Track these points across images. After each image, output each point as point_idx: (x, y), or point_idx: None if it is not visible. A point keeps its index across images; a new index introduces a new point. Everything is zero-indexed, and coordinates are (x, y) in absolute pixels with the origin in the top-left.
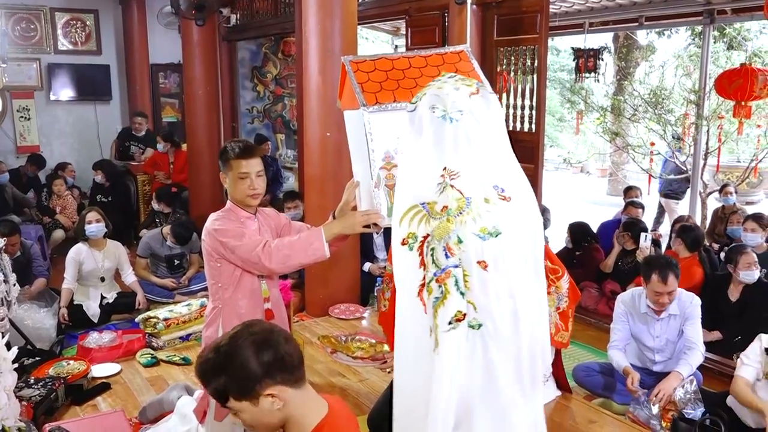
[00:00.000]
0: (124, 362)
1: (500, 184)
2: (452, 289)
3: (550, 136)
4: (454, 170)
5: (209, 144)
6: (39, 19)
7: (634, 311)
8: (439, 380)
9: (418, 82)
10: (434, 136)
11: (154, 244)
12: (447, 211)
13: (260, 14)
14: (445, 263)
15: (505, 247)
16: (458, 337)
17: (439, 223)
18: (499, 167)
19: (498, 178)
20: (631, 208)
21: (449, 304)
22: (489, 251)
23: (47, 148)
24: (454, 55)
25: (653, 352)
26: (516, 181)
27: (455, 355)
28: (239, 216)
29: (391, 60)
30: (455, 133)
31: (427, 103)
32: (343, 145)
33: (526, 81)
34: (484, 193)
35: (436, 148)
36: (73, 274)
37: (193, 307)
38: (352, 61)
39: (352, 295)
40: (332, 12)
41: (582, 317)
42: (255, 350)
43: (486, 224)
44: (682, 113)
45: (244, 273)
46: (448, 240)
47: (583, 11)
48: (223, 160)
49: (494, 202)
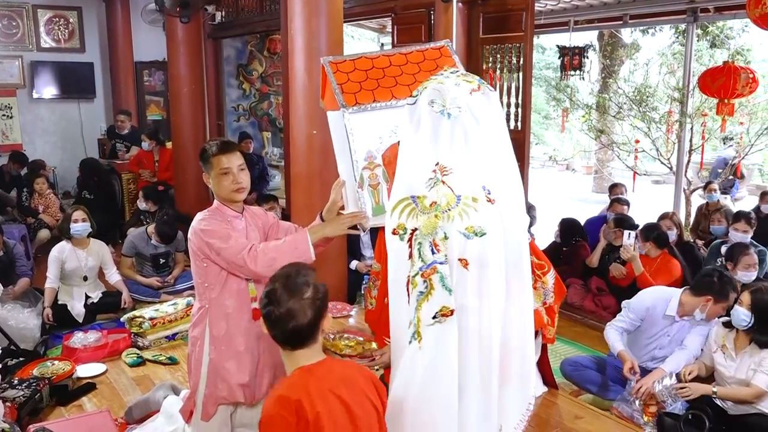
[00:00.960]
0: (109, 362)
1: (488, 185)
2: (437, 284)
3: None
4: (447, 166)
5: (194, 142)
6: (21, 16)
7: (656, 312)
8: (422, 374)
9: (398, 80)
10: (431, 131)
11: (139, 242)
12: (435, 207)
13: (245, 12)
14: (432, 258)
15: (488, 247)
16: (445, 332)
17: (427, 218)
18: (490, 167)
19: (487, 179)
20: (617, 205)
21: (433, 299)
22: (472, 250)
23: (30, 146)
24: (435, 51)
25: (658, 348)
26: (504, 183)
27: (440, 349)
28: (226, 215)
29: (371, 59)
30: (452, 129)
31: (426, 97)
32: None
33: (512, 79)
34: (473, 192)
35: (432, 143)
36: (55, 273)
37: (179, 306)
38: (331, 61)
39: (339, 294)
40: (318, 10)
41: (568, 314)
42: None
43: (473, 223)
44: (666, 111)
45: (231, 273)
46: (435, 236)
47: (568, 9)
48: (203, 160)
49: (481, 202)
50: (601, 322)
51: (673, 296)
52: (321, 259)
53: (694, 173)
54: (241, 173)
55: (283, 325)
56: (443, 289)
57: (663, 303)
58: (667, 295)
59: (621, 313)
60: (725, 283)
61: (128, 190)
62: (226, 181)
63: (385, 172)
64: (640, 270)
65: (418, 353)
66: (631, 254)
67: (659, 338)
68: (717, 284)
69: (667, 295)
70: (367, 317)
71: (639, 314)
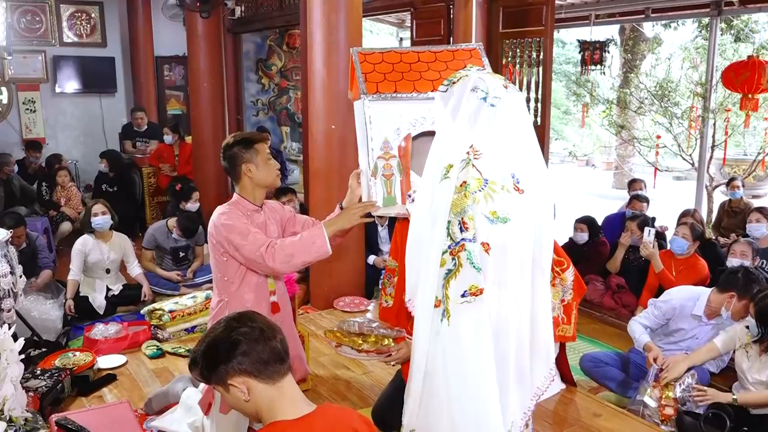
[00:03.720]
0: (129, 354)
1: (517, 175)
2: (465, 262)
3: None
4: (479, 150)
5: (214, 136)
6: (44, 12)
7: (683, 311)
8: (452, 353)
9: (423, 75)
10: (470, 115)
11: (160, 236)
12: (465, 187)
13: (265, 6)
14: (460, 236)
15: (511, 235)
16: (474, 311)
17: (456, 197)
18: (521, 158)
19: (517, 168)
20: (636, 202)
21: (462, 277)
22: (495, 235)
23: (53, 140)
24: (466, 52)
25: (684, 350)
26: (534, 176)
27: (469, 328)
28: (246, 209)
29: (399, 53)
30: (491, 115)
31: (468, 84)
32: (348, 138)
33: (532, 74)
34: (501, 179)
35: (469, 126)
36: (78, 265)
37: (198, 299)
38: (360, 52)
39: (357, 288)
40: (337, 4)
41: (587, 311)
42: (228, 340)
43: (497, 208)
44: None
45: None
46: (464, 214)
47: (589, 3)
48: (245, 147)
49: (508, 190)
50: (621, 319)
51: (701, 295)
52: (338, 253)
53: (716, 169)
54: None
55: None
56: (471, 266)
57: (691, 302)
58: (695, 294)
59: (647, 309)
60: (750, 280)
61: (149, 184)
62: (272, 167)
63: (399, 164)
64: (659, 267)
65: (447, 331)
66: (650, 251)
67: (687, 340)
68: (741, 280)
69: (696, 294)
70: (383, 314)
71: (666, 313)
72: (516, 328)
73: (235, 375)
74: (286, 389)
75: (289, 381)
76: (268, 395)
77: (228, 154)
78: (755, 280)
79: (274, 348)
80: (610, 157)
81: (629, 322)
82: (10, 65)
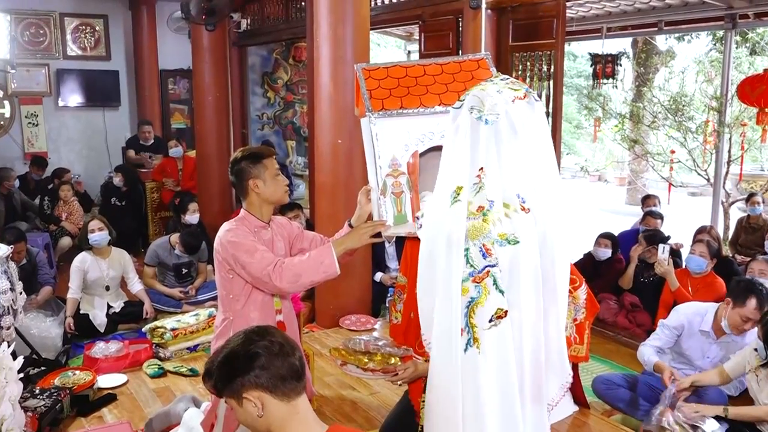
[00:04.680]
0: (130, 373)
1: (522, 194)
2: (491, 288)
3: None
4: (487, 171)
5: (218, 151)
6: (48, 25)
7: (692, 327)
8: (488, 378)
9: (430, 89)
10: (471, 137)
11: (162, 252)
12: (483, 212)
13: (271, 19)
14: (484, 263)
15: (521, 257)
16: (501, 333)
17: (474, 222)
18: (526, 176)
19: (522, 187)
20: (650, 219)
21: (489, 303)
22: (504, 258)
23: (55, 154)
24: (473, 63)
25: (696, 370)
26: (543, 194)
27: (500, 350)
28: (253, 225)
29: (405, 67)
30: (488, 134)
31: (468, 103)
32: (354, 152)
33: (543, 87)
34: (506, 199)
35: (472, 148)
36: (77, 283)
37: (201, 317)
38: (364, 68)
39: (364, 306)
40: (344, 17)
41: (600, 330)
42: (247, 353)
43: (506, 230)
44: (703, 120)
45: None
46: (485, 240)
47: (600, 16)
48: (253, 162)
49: (515, 209)
50: (635, 339)
51: (708, 310)
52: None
53: (732, 185)
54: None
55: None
56: (497, 291)
57: (699, 317)
58: (702, 309)
59: (656, 331)
60: (745, 289)
61: (151, 199)
62: (281, 182)
63: (409, 181)
64: (675, 285)
65: (479, 358)
66: (665, 268)
67: (700, 361)
68: (738, 288)
69: (703, 310)
70: (392, 332)
71: (674, 330)
72: (531, 349)
73: (251, 388)
74: (300, 408)
75: (304, 400)
76: (281, 413)
77: (236, 168)
78: (752, 289)
79: (292, 365)
80: (623, 173)
81: (639, 348)
82: (13, 79)
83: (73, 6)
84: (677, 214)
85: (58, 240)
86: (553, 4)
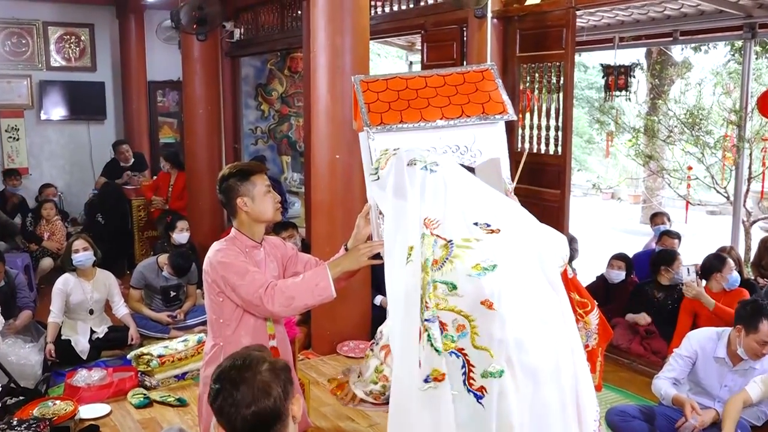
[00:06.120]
0: (114, 403)
1: (483, 220)
2: (426, 345)
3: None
4: (434, 218)
5: (209, 167)
6: (31, 34)
7: (705, 354)
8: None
9: (431, 102)
10: (419, 187)
11: (149, 274)
12: (426, 263)
13: (265, 29)
14: (422, 317)
15: (504, 279)
16: (438, 398)
17: (421, 276)
18: (481, 203)
19: (480, 214)
20: (667, 239)
21: (425, 362)
22: (489, 287)
23: (36, 170)
24: (477, 74)
25: (715, 400)
26: (505, 213)
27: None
28: (245, 245)
29: (405, 79)
30: (434, 182)
31: (402, 161)
32: (353, 168)
33: (552, 100)
34: (464, 233)
35: (419, 199)
36: (59, 306)
37: (189, 343)
38: (362, 80)
39: (362, 331)
40: (342, 26)
41: (614, 357)
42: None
43: (477, 260)
44: (721, 135)
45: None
46: (423, 292)
47: (612, 25)
48: (241, 179)
49: (479, 237)
50: (651, 367)
51: (722, 335)
52: (343, 294)
53: (754, 203)
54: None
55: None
56: (432, 349)
57: (712, 343)
58: (715, 335)
59: (669, 361)
60: (754, 313)
61: (138, 217)
62: (271, 199)
63: None
64: (712, 304)
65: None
66: (696, 291)
67: (718, 389)
68: (746, 313)
69: (716, 336)
70: None
71: (688, 359)
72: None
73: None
74: None
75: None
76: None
77: (223, 186)
78: (762, 311)
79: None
80: (637, 190)
81: (653, 381)
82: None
83: (58, 14)
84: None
85: (39, 261)
86: (563, 12)
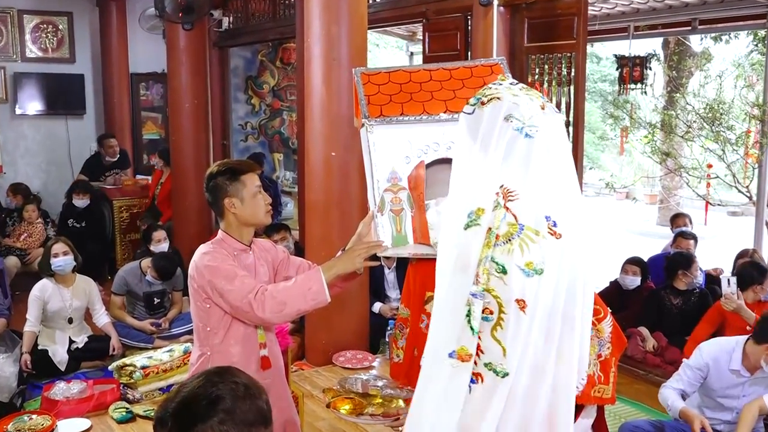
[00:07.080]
0: (94, 417)
1: (553, 216)
2: (463, 319)
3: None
4: (513, 190)
5: (196, 165)
6: (5, 23)
7: (719, 366)
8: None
9: (435, 95)
10: (504, 149)
11: (132, 279)
12: (490, 233)
13: (256, 17)
14: (467, 288)
15: (545, 287)
16: (455, 377)
17: (495, 250)
18: (556, 197)
19: (552, 208)
20: (682, 240)
21: (455, 335)
22: (530, 290)
23: (11, 168)
24: (485, 68)
25: (732, 412)
26: (571, 216)
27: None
28: (233, 248)
29: (408, 72)
30: (528, 150)
31: (501, 110)
32: (350, 166)
33: (562, 93)
34: (536, 223)
35: (502, 162)
36: (36, 315)
37: (175, 353)
38: (363, 72)
39: (360, 341)
40: (338, 15)
41: (628, 368)
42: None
43: (533, 258)
44: (744, 131)
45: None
46: (482, 263)
47: (627, 13)
48: (230, 179)
49: (543, 235)
50: (666, 378)
51: (736, 347)
52: (339, 301)
53: None
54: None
55: (251, 399)
56: (467, 326)
57: (725, 355)
58: (728, 346)
59: (678, 372)
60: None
61: (120, 218)
62: (261, 201)
63: (410, 197)
64: (752, 318)
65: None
66: (737, 304)
67: (736, 401)
68: (765, 326)
69: (729, 347)
70: (393, 371)
71: (698, 371)
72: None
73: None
74: None
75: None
76: None
77: (210, 185)
78: None
79: (260, 408)
80: (653, 190)
81: (660, 389)
82: None
83: (34, 2)
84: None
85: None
86: (574, 0)
